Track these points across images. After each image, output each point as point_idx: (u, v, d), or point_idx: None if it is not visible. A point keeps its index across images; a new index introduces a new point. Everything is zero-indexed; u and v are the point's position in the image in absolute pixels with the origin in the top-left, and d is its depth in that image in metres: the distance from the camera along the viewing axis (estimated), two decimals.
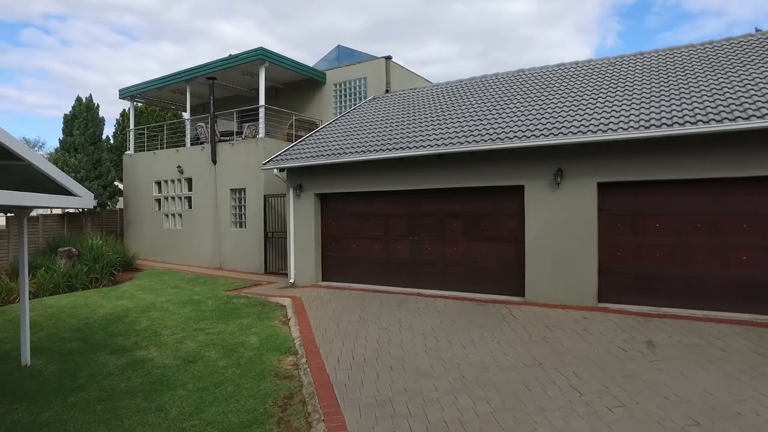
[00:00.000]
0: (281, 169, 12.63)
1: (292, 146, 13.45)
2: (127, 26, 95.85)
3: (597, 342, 7.30)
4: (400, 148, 10.72)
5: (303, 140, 13.77)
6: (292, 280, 12.88)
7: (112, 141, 28.21)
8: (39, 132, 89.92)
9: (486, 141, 9.68)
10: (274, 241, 15.76)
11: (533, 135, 9.23)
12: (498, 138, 9.58)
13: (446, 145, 10.11)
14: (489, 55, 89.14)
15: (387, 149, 10.92)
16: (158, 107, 27.82)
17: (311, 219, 12.63)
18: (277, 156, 12.96)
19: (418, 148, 10.43)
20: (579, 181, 9.17)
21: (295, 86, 19.58)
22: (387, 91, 17.59)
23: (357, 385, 6.14)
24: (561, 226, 9.35)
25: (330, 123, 14.91)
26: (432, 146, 10.25)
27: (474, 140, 9.87)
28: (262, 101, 16.45)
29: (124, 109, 28.72)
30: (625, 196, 9.04)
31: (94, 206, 19.08)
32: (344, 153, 11.61)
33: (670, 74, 10.44)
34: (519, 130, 9.64)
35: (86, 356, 7.61)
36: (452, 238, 10.95)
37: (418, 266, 11.39)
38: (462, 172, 10.44)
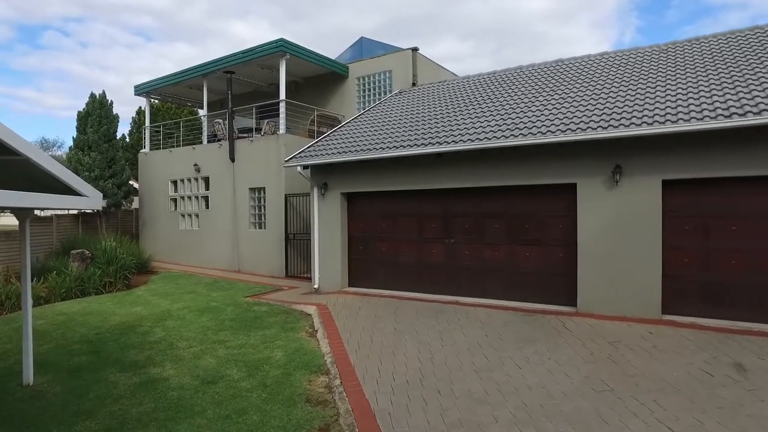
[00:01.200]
0: (305, 167, 11.85)
1: (316, 142, 12.66)
2: (143, 27, 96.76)
3: (673, 363, 6.38)
4: (437, 143, 9.85)
5: (327, 136, 12.98)
6: (316, 286, 12.09)
7: (127, 139, 27.75)
8: (58, 132, 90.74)
9: (534, 134, 8.78)
10: (296, 243, 15.00)
11: (589, 127, 8.31)
12: (549, 131, 8.68)
13: (488, 139, 9.22)
14: (503, 52, 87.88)
15: (422, 144, 10.06)
16: (174, 104, 27.31)
17: (337, 220, 11.83)
18: (300, 152, 12.19)
19: (457, 143, 9.56)
20: (640, 179, 8.23)
21: (316, 81, 18.82)
22: (414, 84, 16.73)
23: (403, 415, 5.32)
24: (619, 228, 8.42)
25: (355, 118, 14.11)
26: (473, 141, 9.36)
27: (521, 134, 8.98)
28: (282, 95, 15.70)
29: (140, 107, 28.26)
30: (694, 196, 8.09)
31: (104, 207, 18.67)
32: (374, 149, 10.78)
33: (728, 60, 9.46)
34: (571, 123, 8.73)
35: (95, 373, 6.88)
36: (493, 240, 10.07)
37: (455, 271, 10.52)
38: (504, 169, 9.56)
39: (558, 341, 7.50)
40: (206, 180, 17.74)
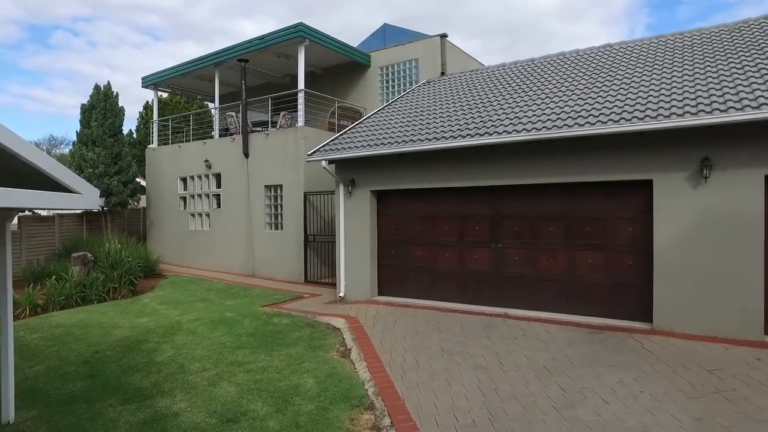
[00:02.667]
0: (330, 161, 10.69)
1: (340, 135, 11.50)
2: (151, 26, 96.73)
3: None
4: (486, 133, 8.65)
5: (352, 128, 11.82)
6: (341, 294, 10.93)
7: (135, 135, 26.72)
8: (67, 130, 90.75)
9: (605, 123, 7.56)
10: (316, 245, 13.86)
11: (673, 113, 7.08)
12: (622, 119, 7.45)
13: (548, 129, 8.01)
14: (512, 50, 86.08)
15: (475, 134, 8.85)
16: (183, 97, 26.25)
17: (366, 221, 10.67)
18: (324, 146, 11.03)
19: (510, 133, 8.35)
20: (737, 174, 6.99)
21: (335, 71, 17.67)
22: (443, 73, 15.54)
23: None
24: (708, 232, 7.18)
25: (381, 109, 12.94)
26: (536, 130, 8.13)
27: (587, 122, 7.76)
28: (301, 84, 14.55)
29: (148, 101, 27.22)
30: None
31: (110, 205, 17.66)
32: (410, 141, 9.60)
33: None
34: (647, 109, 7.51)
35: (91, 406, 5.75)
36: (548, 245, 8.87)
37: (503, 280, 9.33)
38: (564, 163, 8.35)
39: (643, 367, 6.28)
40: (218, 177, 16.65)
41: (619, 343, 7.23)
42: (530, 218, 9.07)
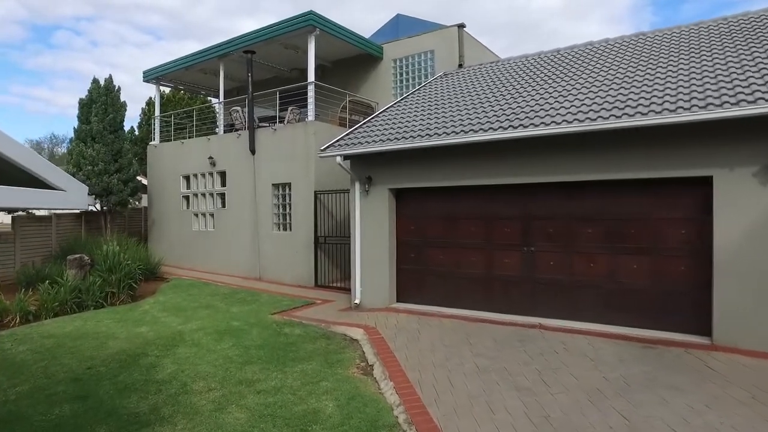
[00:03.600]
0: (345, 157, 9.89)
1: (355, 129, 10.72)
2: (152, 26, 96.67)
3: None
4: (521, 126, 7.85)
5: (367, 123, 11.03)
6: (357, 301, 10.15)
7: (137, 132, 26.00)
8: (68, 129, 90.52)
9: (658, 113, 6.75)
10: (327, 247, 13.08)
11: (743, 100, 6.27)
12: (680, 108, 6.64)
13: (592, 120, 7.20)
14: (516, 49, 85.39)
15: (500, 128, 8.06)
16: (187, 93, 25.56)
17: (383, 221, 9.88)
18: (338, 141, 10.25)
19: (548, 125, 7.54)
20: None
21: (346, 64, 16.88)
22: (461, 65, 14.74)
23: None
24: None
25: (397, 102, 12.15)
26: (582, 121, 7.30)
27: (637, 112, 6.95)
28: (311, 77, 13.78)
29: (150, 98, 26.52)
30: None
31: (111, 205, 16.93)
32: (433, 134, 8.80)
33: None
34: (707, 97, 6.70)
35: None
36: (586, 249, 8.07)
37: (535, 286, 8.53)
38: (603, 158, 7.55)
39: (712, 391, 5.47)
40: (222, 175, 15.89)
41: (676, 360, 6.43)
42: (565, 219, 8.26)
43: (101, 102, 16.49)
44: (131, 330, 8.95)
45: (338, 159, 9.76)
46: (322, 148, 10.13)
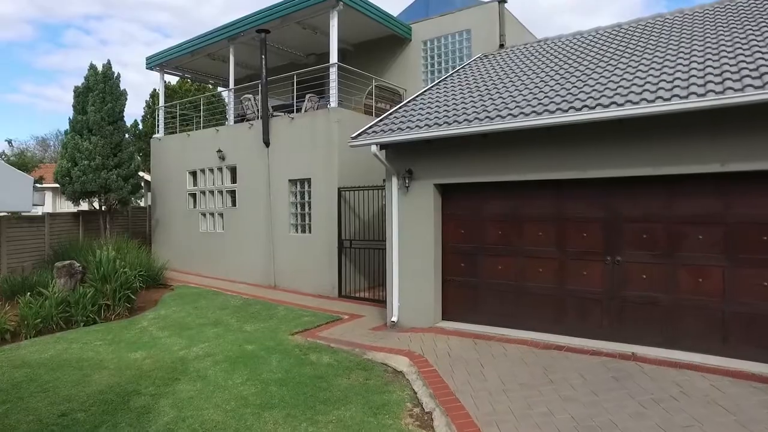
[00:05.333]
0: (382, 146, 8.29)
1: (390, 115, 9.14)
2: (161, 24, 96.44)
3: None
4: (613, 104, 6.21)
5: (403, 107, 9.45)
6: (394, 318, 8.57)
7: (141, 126, 24.60)
8: None
9: None
10: (352, 252, 11.51)
11: None
12: None
13: (736, 90, 5.53)
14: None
15: (584, 107, 6.42)
16: (194, 83, 24.11)
17: (428, 223, 8.29)
18: (371, 127, 8.67)
19: (667, 100, 5.88)
20: None
21: (370, 48, 15.29)
22: (502, 46, 13.10)
23: None
24: None
25: (435, 85, 10.57)
26: (702, 96, 5.66)
27: None
28: (334, 58, 12.20)
29: (155, 89, 25.09)
30: None
31: (111, 204, 15.49)
32: (496, 117, 7.18)
33: None
34: None
35: None
36: (693, 260, 6.42)
37: (623, 306, 6.89)
38: (721, 145, 5.90)
39: None
40: (233, 170, 14.36)
41: None
42: (665, 221, 6.62)
43: (99, 90, 15.00)
44: (123, 356, 7.41)
45: (373, 149, 8.15)
46: (352, 136, 8.54)
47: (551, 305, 7.44)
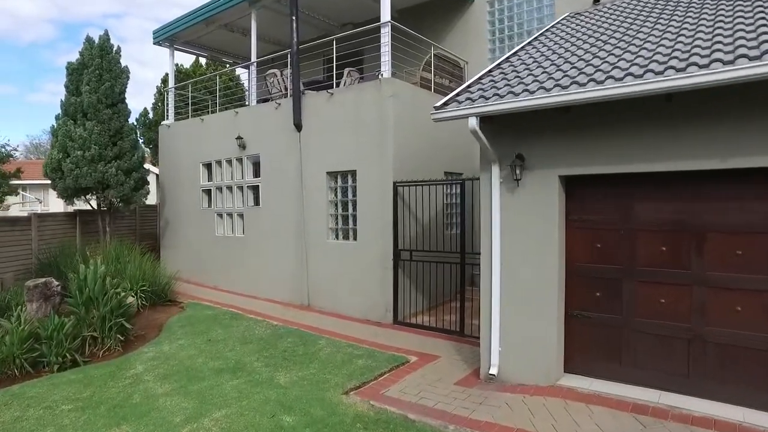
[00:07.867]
0: (482, 119, 5.71)
1: (483, 77, 6.60)
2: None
3: None
4: None
5: (496, 68, 6.90)
6: (493, 370, 6.02)
7: (151, 115, 22.34)
8: None
9: None
10: (412, 266, 9.01)
11: None
12: None
13: None
14: None
15: None
16: (209, 65, 21.79)
17: (548, 233, 5.73)
18: (460, 93, 6.13)
19: None
20: None
21: (421, 11, 12.77)
22: (596, 1, 10.48)
23: None
24: None
25: (529, 42, 8.00)
26: None
27: None
28: (386, 15, 9.71)
29: (166, 73, 22.77)
30: None
31: (111, 202, 13.13)
32: (667, 68, 4.61)
33: None
34: None
35: None
36: None
37: None
38: None
39: None
40: (255, 161, 11.94)
41: None
42: None
43: (95, 66, 12.68)
44: None
45: (472, 122, 5.56)
46: (436, 105, 5.99)
47: (750, 359, 4.84)
